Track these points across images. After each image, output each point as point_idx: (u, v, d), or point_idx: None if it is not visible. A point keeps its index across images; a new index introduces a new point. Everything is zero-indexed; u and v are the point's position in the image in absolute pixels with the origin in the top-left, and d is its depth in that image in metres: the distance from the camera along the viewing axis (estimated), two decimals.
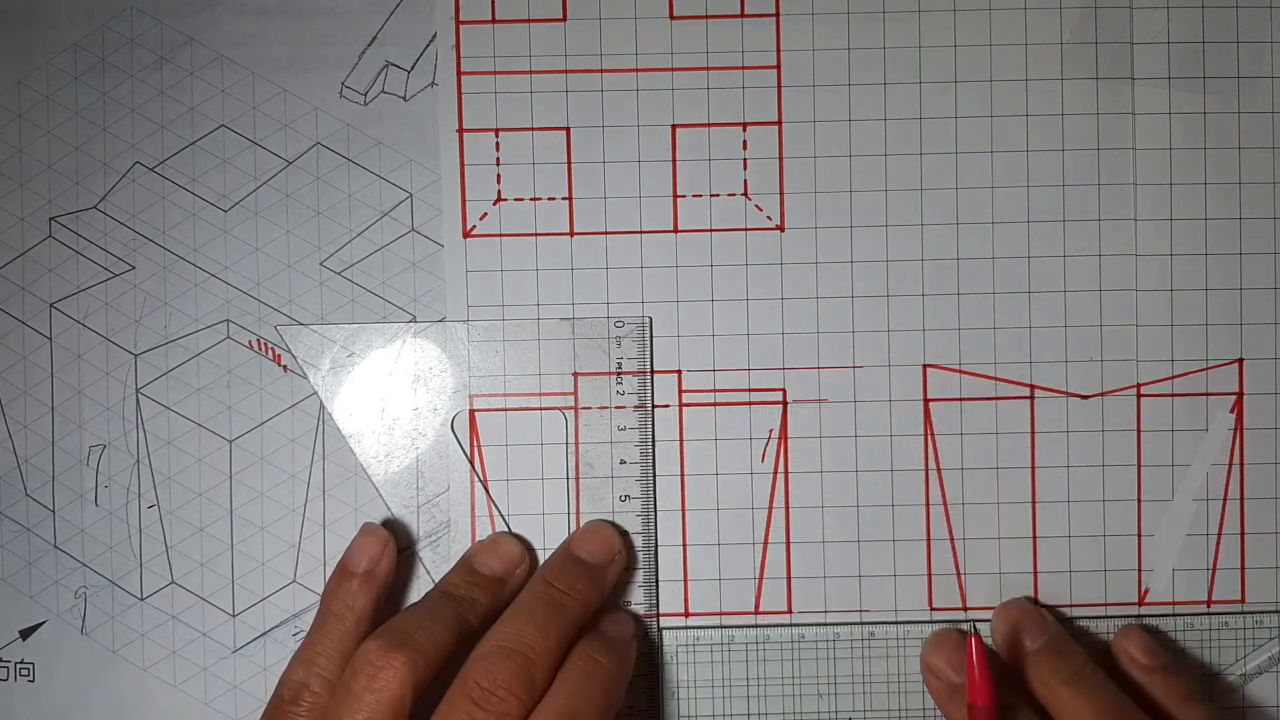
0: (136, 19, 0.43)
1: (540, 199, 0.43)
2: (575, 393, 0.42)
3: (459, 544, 0.42)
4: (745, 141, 0.43)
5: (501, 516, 0.42)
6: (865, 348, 0.43)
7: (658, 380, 0.43)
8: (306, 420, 0.43)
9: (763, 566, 0.43)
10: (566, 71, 0.43)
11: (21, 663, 0.43)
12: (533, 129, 0.43)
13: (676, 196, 0.43)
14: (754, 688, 0.42)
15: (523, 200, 0.43)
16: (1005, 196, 0.43)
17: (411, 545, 0.42)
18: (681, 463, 0.43)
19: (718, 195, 0.43)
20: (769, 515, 0.43)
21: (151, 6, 0.43)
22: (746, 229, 0.43)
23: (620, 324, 0.42)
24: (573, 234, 0.43)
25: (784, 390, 0.43)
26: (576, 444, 0.42)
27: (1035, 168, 0.42)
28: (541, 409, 0.42)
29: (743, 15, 0.43)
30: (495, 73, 0.43)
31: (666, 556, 0.43)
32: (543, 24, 0.43)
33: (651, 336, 0.43)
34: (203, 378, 0.43)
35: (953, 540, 0.43)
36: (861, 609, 0.43)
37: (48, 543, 0.43)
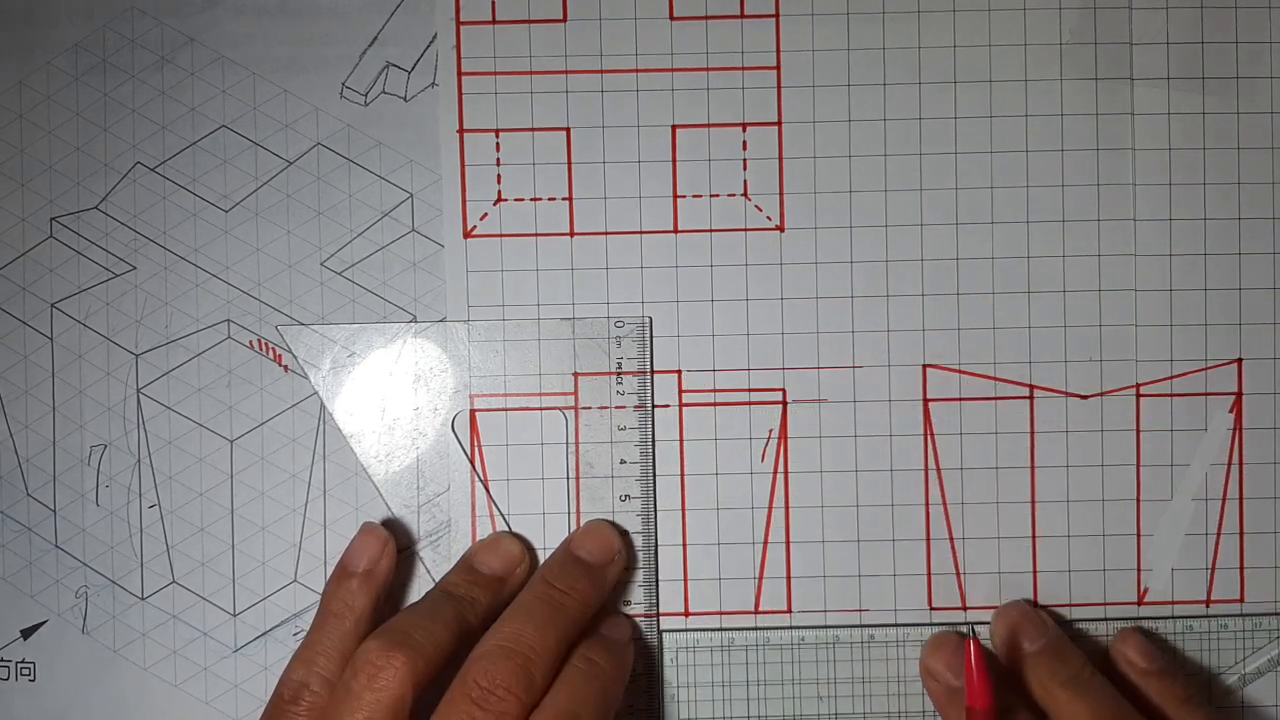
0: (137, 19, 0.43)
1: (540, 199, 0.43)
2: (575, 393, 0.42)
3: (459, 544, 0.42)
4: (745, 142, 0.43)
5: (502, 516, 0.42)
6: (865, 348, 0.43)
7: (658, 380, 0.43)
8: (307, 420, 0.43)
9: (762, 566, 0.43)
10: (567, 72, 0.43)
11: (22, 662, 0.43)
12: (533, 129, 0.43)
13: (676, 197, 0.43)
14: (754, 689, 0.42)
15: (523, 200, 0.43)
16: (1005, 197, 0.43)
17: (411, 545, 0.42)
18: (681, 463, 0.43)
19: (718, 195, 0.43)
20: (769, 515, 0.43)
21: (152, 7, 0.43)
22: (746, 229, 0.43)
23: (620, 324, 0.42)
24: (573, 234, 0.43)
25: (784, 390, 0.43)
26: (576, 444, 0.42)
27: (1035, 168, 0.43)
28: (542, 409, 0.42)
29: (743, 16, 0.43)
30: (495, 73, 0.43)
31: (666, 556, 0.43)
32: (543, 24, 0.43)
33: (651, 336, 0.43)
34: (203, 378, 0.43)
35: (952, 540, 0.43)
36: (861, 609, 0.43)
37: (49, 542, 0.43)
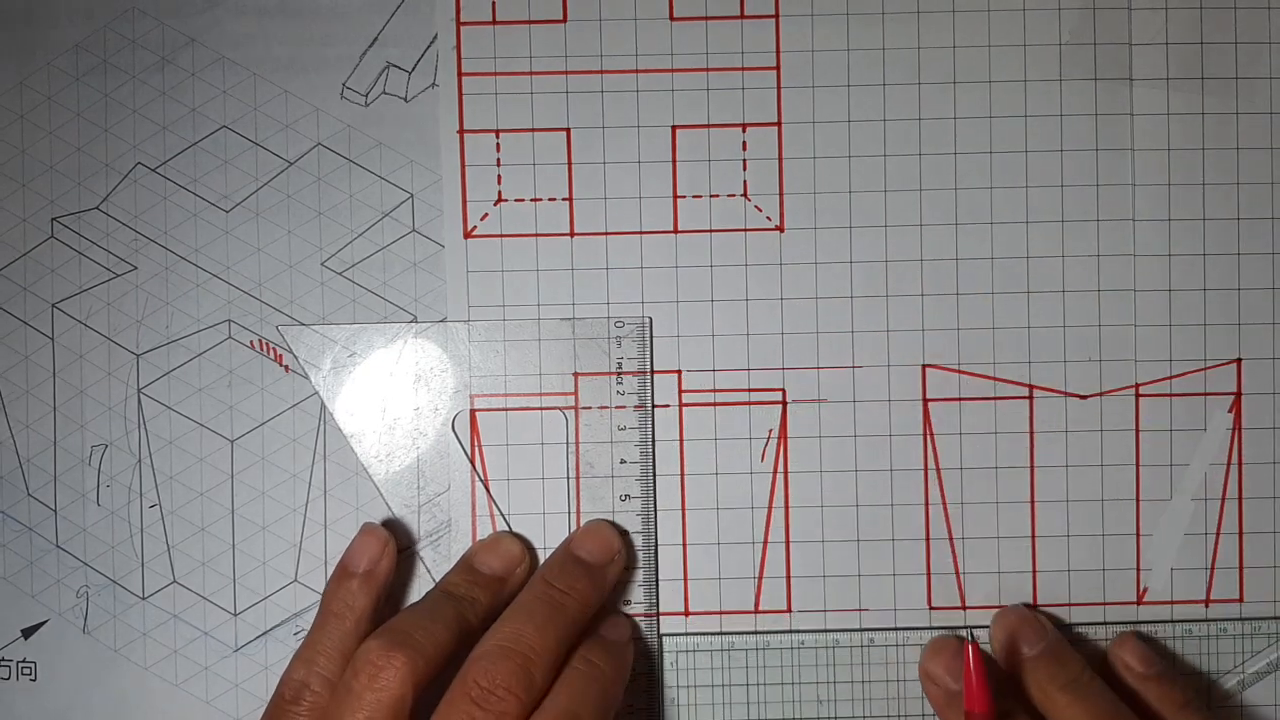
0: (138, 20, 0.43)
1: (541, 200, 0.43)
2: (575, 393, 0.42)
3: (459, 543, 0.42)
4: (745, 142, 0.43)
5: (502, 516, 0.42)
6: (865, 348, 0.43)
7: (658, 380, 0.43)
8: (308, 420, 0.43)
9: (762, 566, 0.43)
10: (567, 73, 0.43)
11: (23, 662, 0.43)
12: (533, 130, 0.43)
13: (676, 197, 0.43)
14: (753, 691, 0.42)
15: (523, 201, 0.43)
16: (1004, 197, 0.43)
17: (412, 545, 0.42)
18: (681, 462, 0.43)
19: (717, 196, 0.43)
20: (768, 515, 0.43)
21: (153, 7, 0.43)
22: (746, 229, 0.43)
23: (620, 324, 0.42)
24: (573, 234, 0.43)
25: (783, 390, 0.43)
26: (577, 444, 0.42)
27: (1034, 168, 0.43)
28: (542, 409, 0.42)
29: (742, 16, 0.43)
30: (496, 74, 0.43)
31: (666, 556, 0.43)
32: (543, 25, 0.43)
33: (651, 336, 0.43)
34: (204, 378, 0.43)
35: (951, 540, 0.43)
36: (861, 608, 0.43)
37: (49, 542, 0.43)
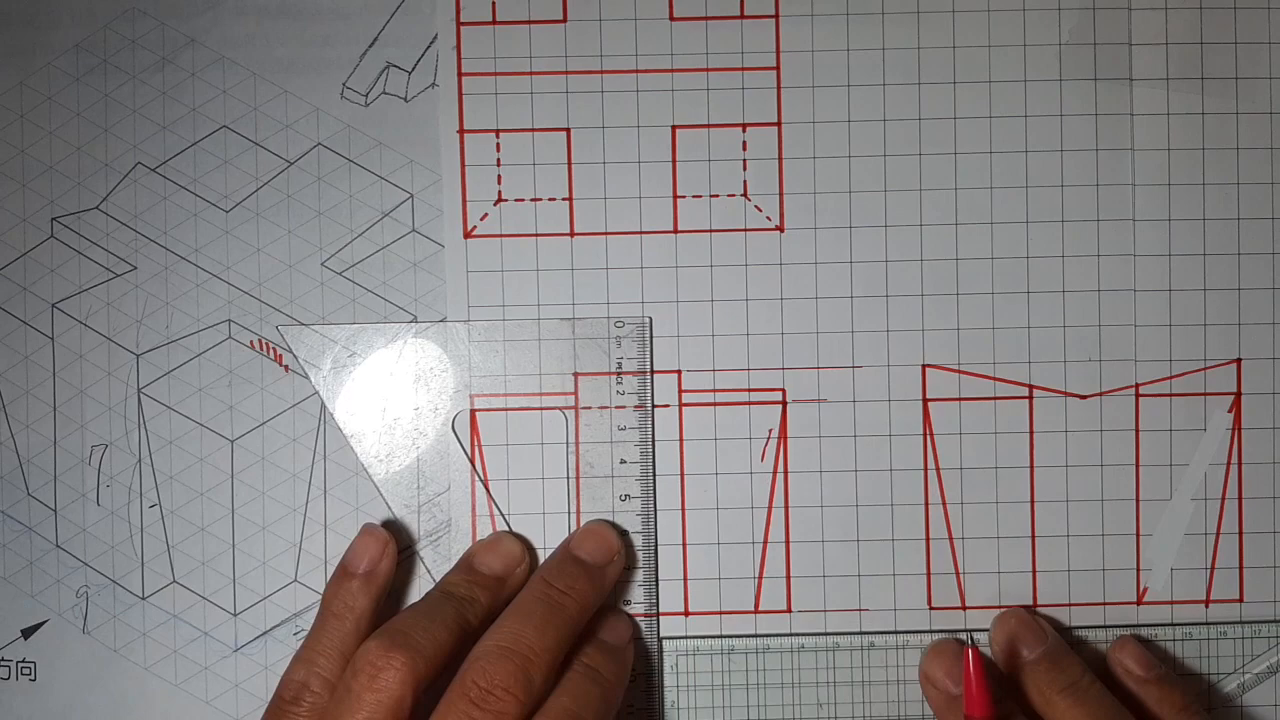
0: (138, 20, 0.43)
1: (541, 199, 0.43)
2: (575, 393, 0.42)
3: (459, 543, 0.42)
4: (745, 142, 0.43)
5: (502, 516, 0.42)
6: (865, 348, 0.43)
7: (658, 380, 0.43)
8: (308, 420, 0.43)
9: (762, 565, 0.43)
10: (567, 73, 0.43)
11: (23, 662, 0.43)
12: (533, 130, 0.43)
13: (676, 197, 0.43)
14: (753, 694, 0.42)
15: (523, 201, 0.43)
16: (1004, 197, 0.43)
17: (412, 545, 0.42)
18: (681, 462, 0.43)
19: (717, 196, 0.43)
20: (768, 515, 0.43)
21: (153, 7, 0.43)
22: (746, 229, 0.43)
23: (620, 324, 0.42)
24: (573, 234, 0.43)
25: (784, 390, 0.43)
26: (577, 444, 0.42)
27: (1034, 168, 0.43)
28: (542, 409, 0.42)
29: (742, 16, 0.43)
30: (496, 74, 0.43)
31: (666, 556, 0.43)
32: (543, 25, 0.43)
33: (651, 336, 0.43)
34: (204, 378, 0.43)
35: (951, 540, 0.43)
36: (861, 608, 0.43)
37: (49, 542, 0.43)
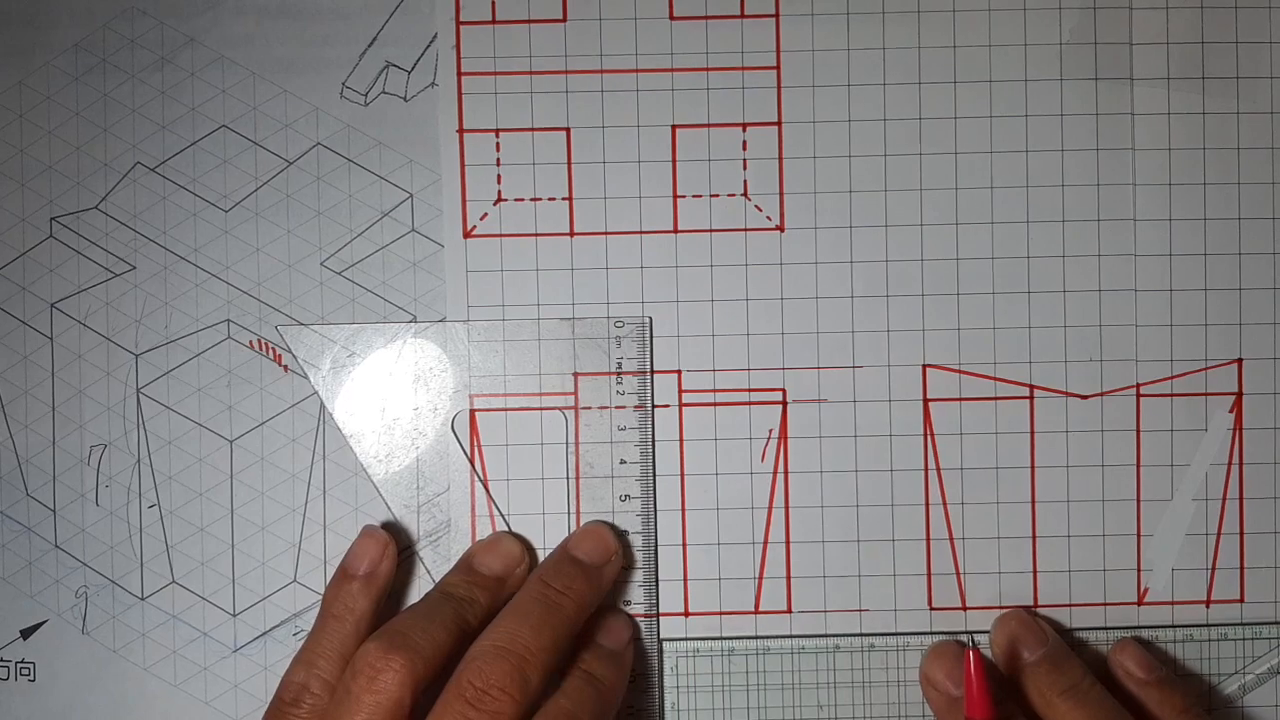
0: (137, 19, 0.43)
1: (540, 199, 0.43)
2: (575, 393, 0.42)
3: (459, 544, 0.42)
4: (745, 142, 0.43)
5: (501, 516, 0.42)
6: (865, 348, 0.43)
7: (658, 380, 0.43)
8: (307, 420, 0.43)
9: (762, 566, 0.43)
10: (567, 72, 0.43)
11: (22, 662, 0.43)
12: (533, 129, 0.43)
13: (676, 196, 0.43)
14: (754, 695, 0.42)
15: (523, 200, 0.43)
16: (1005, 197, 0.43)
17: (411, 545, 0.42)
18: (681, 462, 0.43)
19: (718, 195, 0.43)
20: (769, 515, 0.43)
21: (152, 7, 0.43)
22: (746, 229, 0.43)
23: (620, 324, 0.42)
24: (573, 234, 0.43)
25: (784, 390, 0.43)
26: (576, 444, 0.42)
27: (1035, 168, 0.43)
28: (541, 409, 0.42)
29: (743, 16, 0.43)
30: (495, 73, 0.43)
31: (666, 556, 0.43)
32: (543, 24, 0.43)
33: (651, 336, 0.43)
34: (203, 378, 0.43)
35: (952, 540, 0.43)
36: (861, 609, 0.43)
37: (48, 542, 0.43)
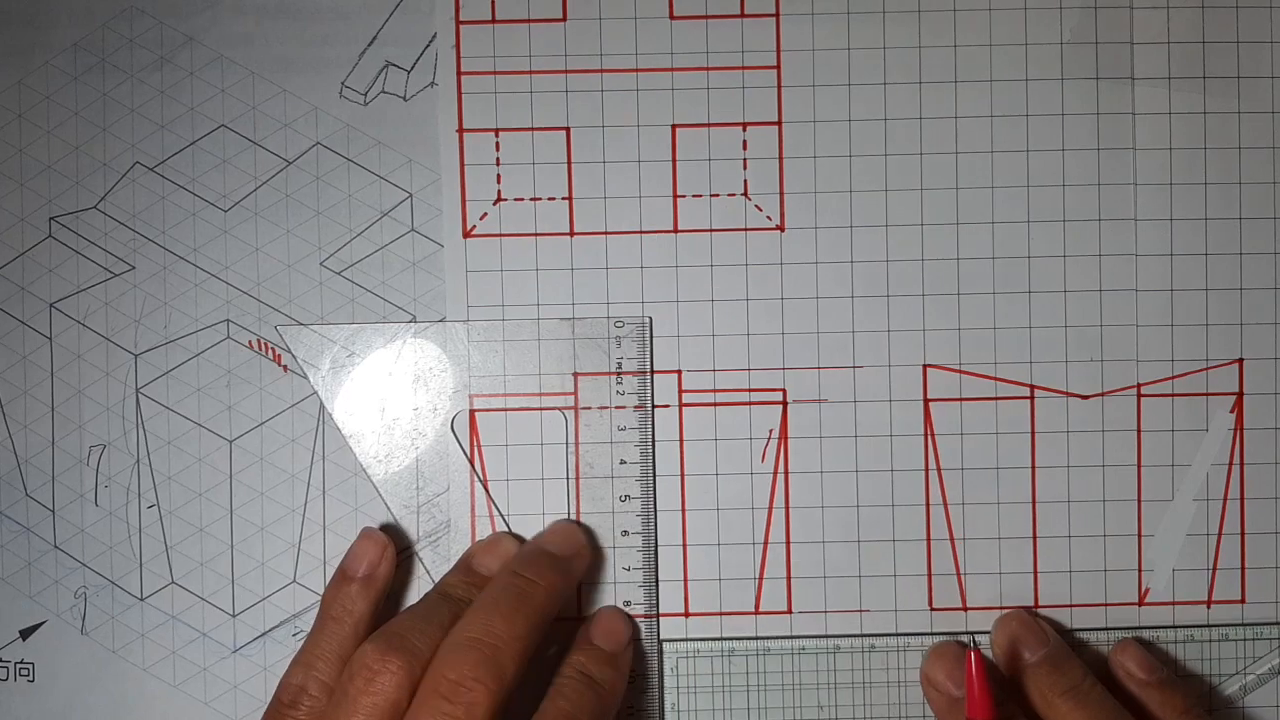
0: (136, 19, 0.43)
1: (540, 199, 0.43)
2: (575, 393, 0.42)
3: (459, 544, 0.42)
4: (745, 141, 0.43)
5: (501, 516, 0.42)
6: (865, 348, 0.43)
7: (658, 380, 0.43)
8: (306, 420, 0.43)
9: (763, 566, 0.43)
10: (566, 71, 0.42)
11: (21, 663, 0.43)
12: (533, 129, 0.43)
13: (676, 196, 0.43)
14: (754, 695, 0.42)
15: (523, 200, 0.43)
16: (1005, 196, 0.42)
17: (409, 546, 0.42)
18: (681, 463, 0.43)
19: (718, 195, 0.43)
20: (769, 515, 0.42)
21: (151, 6, 0.43)
22: (746, 229, 0.43)
23: (620, 324, 0.42)
24: (573, 234, 0.43)
25: (784, 390, 0.43)
26: (576, 444, 0.42)
27: (1035, 168, 0.42)
28: (541, 409, 0.42)
29: (743, 15, 0.42)
30: (495, 73, 0.43)
31: (666, 557, 0.43)
32: (543, 24, 0.42)
33: (651, 336, 0.42)
34: (203, 378, 0.43)
35: (953, 540, 0.42)
36: (862, 609, 0.43)
37: (48, 543, 0.43)
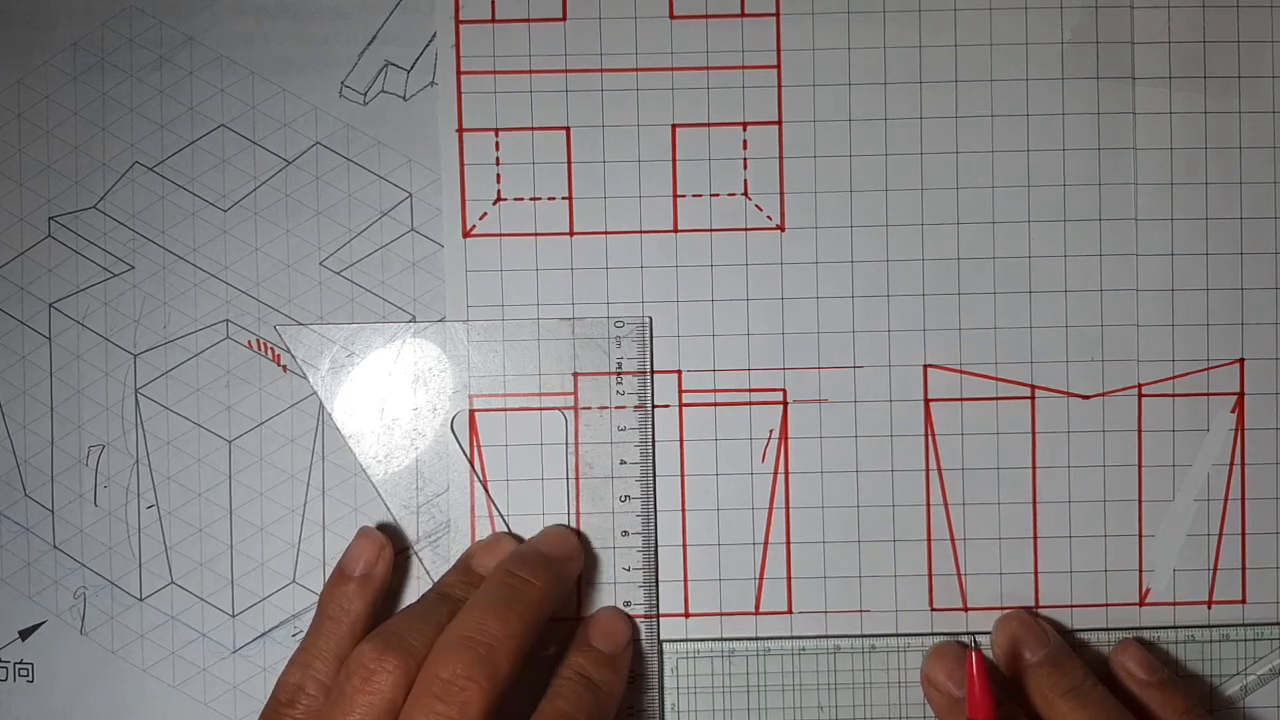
0: (136, 18, 0.43)
1: (540, 199, 0.43)
2: (575, 393, 0.42)
3: (459, 544, 0.42)
4: (745, 141, 0.43)
5: (501, 517, 0.42)
6: (865, 348, 0.42)
7: (658, 380, 0.43)
8: (306, 420, 0.43)
9: (763, 567, 0.42)
10: (566, 71, 0.42)
11: (21, 663, 0.43)
12: (533, 129, 0.43)
13: (676, 196, 0.43)
14: (754, 696, 0.42)
15: (522, 200, 0.43)
16: (1005, 196, 0.42)
17: (409, 546, 0.42)
18: (681, 463, 0.42)
19: (718, 195, 0.43)
20: (769, 515, 0.42)
21: (151, 6, 0.43)
22: (746, 229, 0.43)
23: (620, 324, 0.42)
24: (573, 234, 0.43)
25: (784, 390, 0.43)
26: (576, 444, 0.42)
27: (1036, 168, 0.42)
28: (541, 409, 0.42)
29: (743, 15, 0.42)
30: (495, 72, 0.42)
31: (667, 557, 0.43)
32: (543, 24, 0.42)
33: (651, 336, 0.42)
34: (202, 378, 0.43)
35: (953, 540, 0.42)
36: (862, 610, 0.42)
37: (47, 543, 0.43)
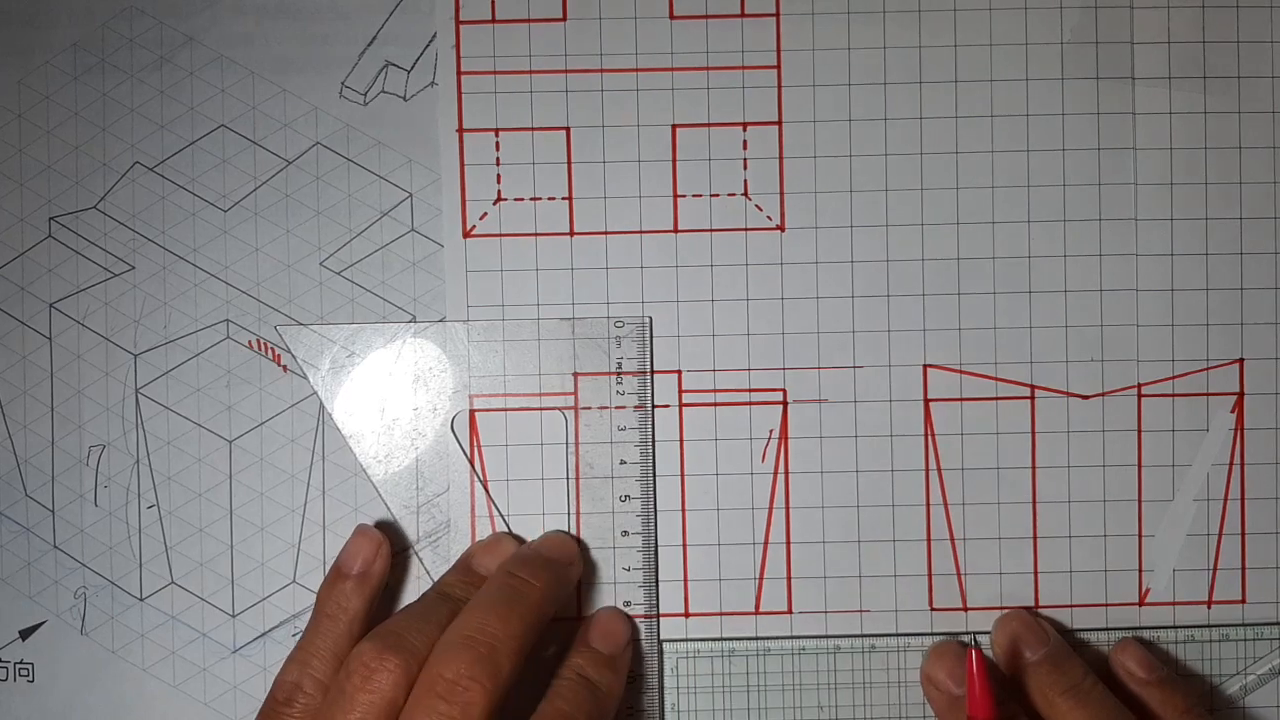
0: (136, 19, 0.43)
1: (540, 199, 0.43)
2: (575, 393, 0.42)
3: (459, 544, 0.42)
4: (745, 141, 0.43)
5: (501, 516, 0.42)
6: (865, 348, 0.42)
7: (658, 380, 0.43)
8: (306, 420, 0.43)
9: (763, 567, 0.42)
10: (566, 71, 0.42)
11: (21, 663, 0.43)
12: (533, 129, 0.43)
13: (676, 196, 0.43)
14: (754, 695, 0.42)
15: (523, 200, 0.43)
16: (1005, 196, 0.42)
17: (409, 546, 0.42)
18: (681, 463, 0.43)
19: (718, 195, 0.43)
20: (769, 515, 0.42)
21: (151, 6, 0.43)
22: (746, 229, 0.43)
23: (620, 324, 0.42)
24: (573, 234, 0.43)
25: (784, 390, 0.43)
26: (576, 444, 0.42)
27: (1035, 168, 0.42)
28: (541, 409, 0.42)
29: (743, 15, 0.42)
30: (495, 72, 0.43)
31: (666, 557, 0.43)
32: (543, 24, 0.42)
33: (651, 336, 0.42)
34: (202, 378, 0.43)
35: (953, 540, 0.42)
36: (862, 610, 0.42)
37: (47, 543, 0.43)
